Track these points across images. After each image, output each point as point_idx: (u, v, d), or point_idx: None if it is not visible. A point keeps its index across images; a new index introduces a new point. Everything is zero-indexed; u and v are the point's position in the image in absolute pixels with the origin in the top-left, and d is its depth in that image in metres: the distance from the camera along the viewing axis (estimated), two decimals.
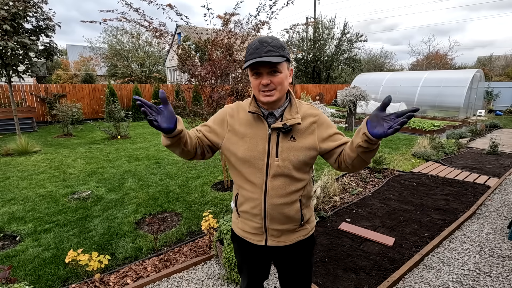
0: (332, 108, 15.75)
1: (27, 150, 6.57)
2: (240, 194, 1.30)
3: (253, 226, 1.30)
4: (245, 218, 1.32)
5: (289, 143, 1.21)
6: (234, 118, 1.29)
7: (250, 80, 1.21)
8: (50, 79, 24.19)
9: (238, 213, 1.35)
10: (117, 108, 8.58)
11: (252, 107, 1.24)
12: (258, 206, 1.24)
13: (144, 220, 3.45)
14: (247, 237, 1.35)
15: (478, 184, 4.59)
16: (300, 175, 1.24)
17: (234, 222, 1.43)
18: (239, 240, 1.40)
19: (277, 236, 1.29)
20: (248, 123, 1.25)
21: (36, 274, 2.47)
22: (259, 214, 1.26)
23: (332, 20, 22.58)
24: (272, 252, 1.35)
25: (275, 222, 1.26)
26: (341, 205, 3.84)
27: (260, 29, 4.11)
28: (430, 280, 2.40)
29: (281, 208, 1.23)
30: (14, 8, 5.86)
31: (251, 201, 1.26)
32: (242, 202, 1.30)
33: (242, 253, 1.44)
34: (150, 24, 3.75)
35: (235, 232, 1.41)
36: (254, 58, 1.12)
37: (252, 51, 1.14)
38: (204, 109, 4.16)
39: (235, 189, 1.36)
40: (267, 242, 1.31)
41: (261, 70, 1.15)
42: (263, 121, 1.24)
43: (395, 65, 34.27)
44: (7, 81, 6.77)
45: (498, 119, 13.12)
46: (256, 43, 1.15)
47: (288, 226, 1.28)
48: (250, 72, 1.18)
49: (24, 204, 3.89)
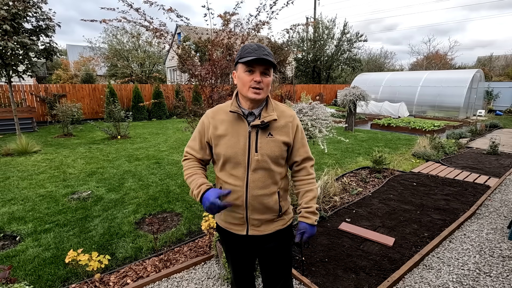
0: (332, 108, 15.74)
1: (27, 150, 6.57)
2: (224, 187, 1.40)
3: (236, 216, 1.41)
4: (228, 210, 1.40)
5: (267, 139, 1.34)
6: (214, 120, 1.40)
7: (240, 76, 1.31)
8: (50, 79, 24.20)
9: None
10: (117, 108, 8.58)
11: (233, 107, 1.36)
12: (241, 198, 1.36)
13: (144, 220, 3.45)
14: (230, 228, 1.45)
15: (478, 184, 4.59)
16: (277, 168, 1.38)
17: (217, 216, 1.53)
18: (222, 231, 1.52)
19: (257, 225, 1.41)
20: (228, 123, 1.37)
21: (36, 274, 2.46)
22: (241, 205, 1.37)
23: (332, 20, 22.61)
24: (253, 241, 1.45)
25: (256, 212, 1.38)
26: (341, 205, 3.84)
27: (260, 29, 4.11)
28: (430, 280, 2.40)
29: (261, 198, 1.36)
30: (14, 8, 5.86)
31: (234, 193, 1.36)
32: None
33: (226, 243, 1.55)
34: (150, 24, 3.75)
35: (219, 224, 1.53)
36: (254, 56, 1.23)
37: (251, 50, 1.25)
38: (204, 109, 4.16)
39: (218, 184, 1.46)
40: (248, 232, 1.42)
41: (256, 68, 1.27)
42: (243, 119, 1.35)
43: (395, 65, 34.29)
44: (7, 81, 6.77)
45: (498, 119, 13.12)
46: (254, 45, 1.27)
47: (267, 216, 1.40)
48: (245, 68, 1.28)
49: (24, 204, 3.89)
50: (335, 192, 4.06)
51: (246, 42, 4.18)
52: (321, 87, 20.36)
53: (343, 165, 5.70)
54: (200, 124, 1.45)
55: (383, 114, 13.97)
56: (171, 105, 13.18)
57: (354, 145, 7.60)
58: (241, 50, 1.30)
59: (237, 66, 1.33)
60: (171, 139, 8.39)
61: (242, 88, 1.32)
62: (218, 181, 1.45)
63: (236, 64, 1.34)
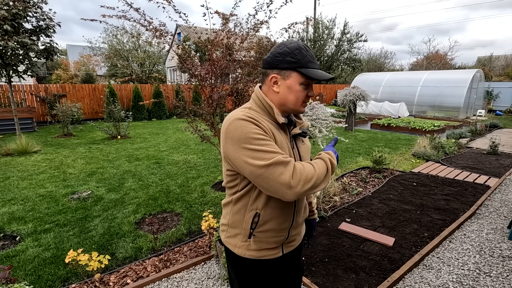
0: (332, 108, 15.73)
1: (27, 150, 6.57)
2: (264, 213, 1.12)
3: (275, 240, 1.18)
4: (266, 236, 1.16)
5: (303, 146, 1.23)
6: (261, 123, 1.08)
7: (295, 88, 1.08)
8: (50, 79, 24.20)
9: (253, 234, 1.17)
10: (117, 108, 8.58)
11: (280, 117, 1.12)
12: (289, 219, 1.17)
13: (144, 220, 3.45)
14: (264, 255, 1.19)
15: (478, 184, 4.59)
16: None
17: (241, 247, 1.18)
18: (253, 265, 1.19)
19: (291, 241, 1.25)
20: (275, 131, 1.12)
21: (36, 274, 2.47)
22: (287, 227, 1.18)
23: (332, 20, 22.64)
24: (286, 260, 1.26)
25: (296, 228, 1.24)
26: (341, 205, 3.84)
27: (259, 28, 4.11)
28: (430, 280, 2.40)
29: (304, 212, 1.24)
30: (15, 8, 5.86)
31: (281, 217, 1.14)
32: (267, 221, 1.14)
33: (259, 278, 1.22)
34: (150, 24, 3.75)
35: (247, 256, 1.18)
36: (318, 69, 1.09)
37: (310, 58, 1.07)
38: (204, 109, 4.16)
39: (249, 211, 1.14)
40: (283, 251, 1.23)
41: (312, 83, 1.12)
42: (284, 128, 1.17)
43: (395, 65, 34.28)
44: (7, 81, 6.78)
45: (498, 119, 13.12)
46: (310, 50, 1.09)
47: (302, 227, 1.29)
48: (303, 80, 1.07)
49: (24, 204, 3.89)
50: (335, 192, 4.06)
51: (245, 42, 4.17)
52: (321, 87, 20.36)
53: (343, 165, 5.70)
54: (254, 127, 1.03)
55: (383, 114, 13.97)
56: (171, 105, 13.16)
57: (354, 145, 7.60)
58: (296, 54, 1.05)
59: (289, 73, 1.07)
60: (171, 139, 8.39)
61: (295, 102, 1.11)
62: (249, 209, 1.14)
63: (285, 69, 1.07)
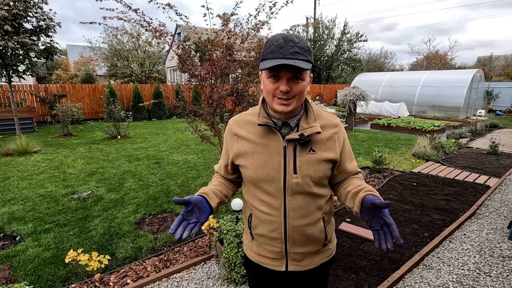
0: (332, 108, 15.73)
1: (27, 150, 6.57)
2: (254, 215, 1.14)
3: (272, 250, 1.14)
4: (261, 242, 1.15)
5: (308, 157, 1.05)
6: (238, 132, 1.13)
7: (265, 82, 1.02)
8: (50, 79, 24.18)
9: (252, 235, 1.18)
10: (117, 108, 8.58)
11: (261, 118, 1.07)
12: (278, 229, 1.09)
13: (144, 220, 3.45)
14: (264, 263, 1.17)
15: (478, 184, 4.59)
16: (322, 191, 1.10)
17: (247, 246, 1.22)
18: (254, 267, 1.21)
19: (299, 259, 1.14)
20: (258, 136, 1.09)
21: (36, 274, 2.47)
22: (278, 238, 1.10)
23: (332, 20, 22.62)
24: (293, 277, 1.19)
25: (297, 245, 1.12)
26: (341, 205, 3.84)
27: (260, 29, 4.11)
28: (430, 280, 2.40)
29: (304, 229, 1.09)
30: (15, 8, 5.87)
31: (269, 223, 1.10)
32: (257, 224, 1.14)
33: (257, 281, 1.24)
34: (149, 24, 3.75)
35: (249, 257, 1.22)
36: (277, 58, 0.94)
37: (274, 49, 0.95)
38: (204, 109, 4.16)
39: (247, 208, 1.19)
40: (287, 267, 1.15)
41: (282, 74, 0.97)
42: (275, 132, 1.07)
43: (395, 65, 34.29)
44: (7, 81, 6.78)
45: (498, 119, 13.12)
46: (280, 40, 0.96)
47: (311, 248, 1.14)
48: (267, 73, 1.00)
49: (24, 204, 3.89)
50: None
51: (246, 42, 4.18)
52: (321, 87, 20.36)
53: None
54: (224, 137, 1.20)
55: (383, 114, 13.97)
56: (171, 105, 13.16)
57: (354, 145, 7.60)
58: (264, 47, 1.01)
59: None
60: (171, 139, 8.39)
61: (266, 97, 1.05)
62: (247, 206, 1.18)
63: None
